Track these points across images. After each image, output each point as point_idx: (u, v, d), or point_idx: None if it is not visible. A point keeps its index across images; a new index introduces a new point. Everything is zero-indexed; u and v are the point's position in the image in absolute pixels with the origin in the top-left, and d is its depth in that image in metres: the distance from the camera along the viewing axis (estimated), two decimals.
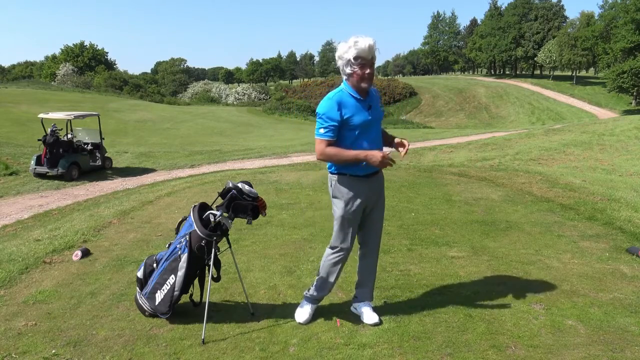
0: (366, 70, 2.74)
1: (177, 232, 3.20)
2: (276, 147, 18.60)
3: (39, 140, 12.79)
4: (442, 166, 10.40)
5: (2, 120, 22.98)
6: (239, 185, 3.05)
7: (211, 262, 3.03)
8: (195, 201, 4.69)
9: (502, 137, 19.43)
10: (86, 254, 4.47)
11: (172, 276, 3.06)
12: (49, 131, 12.60)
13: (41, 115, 13.42)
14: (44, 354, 2.76)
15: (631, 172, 10.76)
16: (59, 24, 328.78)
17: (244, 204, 3.02)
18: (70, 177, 12.59)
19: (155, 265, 3.21)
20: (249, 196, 3.04)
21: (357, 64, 2.73)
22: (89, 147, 13.77)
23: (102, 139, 13.95)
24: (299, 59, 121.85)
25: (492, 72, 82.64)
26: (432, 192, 7.06)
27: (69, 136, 13.41)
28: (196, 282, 3.26)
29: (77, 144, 13.43)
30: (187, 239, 3.03)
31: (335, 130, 2.79)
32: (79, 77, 56.46)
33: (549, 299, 3.40)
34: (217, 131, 26.83)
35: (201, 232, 2.98)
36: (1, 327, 3.09)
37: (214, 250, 3.02)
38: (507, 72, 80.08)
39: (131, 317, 3.21)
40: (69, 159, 12.63)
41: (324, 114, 2.78)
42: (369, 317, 3.08)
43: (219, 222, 3.01)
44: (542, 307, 3.26)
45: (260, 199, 3.10)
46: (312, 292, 3.16)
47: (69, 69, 60.23)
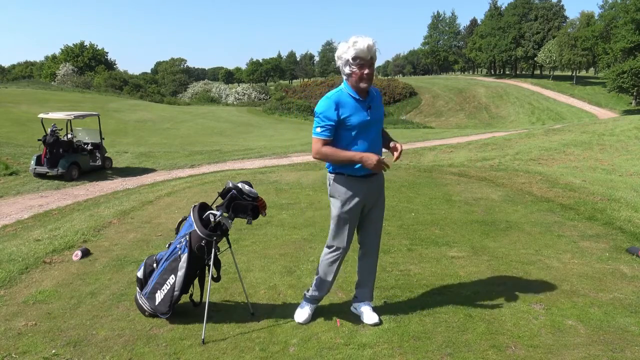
0: (365, 70, 2.74)
1: (177, 232, 3.20)
2: (276, 147, 18.60)
3: (39, 140, 12.79)
4: (442, 166, 10.40)
5: (2, 120, 22.98)
6: (239, 185, 3.06)
7: (211, 262, 3.03)
8: (195, 201, 4.69)
9: (502, 137, 19.43)
10: (86, 254, 4.47)
11: (172, 276, 3.06)
12: (49, 131, 12.60)
13: (41, 115, 13.42)
14: (44, 354, 2.76)
15: (631, 172, 10.76)
16: (59, 24, 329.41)
17: (244, 204, 3.02)
18: (70, 177, 12.59)
19: (155, 265, 3.21)
20: (249, 196, 3.04)
21: (355, 64, 2.73)
22: (89, 147, 13.77)
23: (102, 139, 13.96)
24: (299, 59, 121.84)
25: (492, 72, 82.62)
26: (432, 192, 7.06)
27: (69, 136, 13.41)
28: (196, 282, 3.26)
29: (77, 144, 13.44)
30: (187, 239, 3.03)
31: (331, 129, 2.80)
32: (79, 77, 56.47)
33: (549, 299, 3.40)
34: (217, 131, 26.83)
35: (201, 232, 2.98)
36: (1, 327, 3.09)
37: (214, 250, 3.02)
38: (507, 72, 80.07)
39: (131, 317, 3.21)
40: (69, 159, 12.63)
41: (321, 113, 2.80)
42: (369, 317, 3.08)
43: (219, 222, 3.02)
44: (542, 307, 3.26)
45: (260, 199, 3.10)
46: (311, 292, 3.16)
47: (69, 69, 60.26)
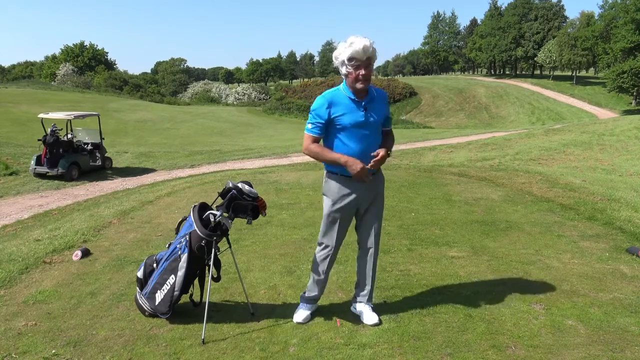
0: (360, 71, 2.75)
1: (177, 232, 3.20)
2: (276, 147, 18.60)
3: (39, 140, 12.80)
4: (442, 166, 10.40)
5: (2, 120, 22.99)
6: (239, 185, 3.06)
7: (211, 262, 3.03)
8: (195, 201, 4.69)
9: (502, 137, 19.44)
10: (86, 254, 4.47)
11: (172, 276, 3.06)
12: (49, 131, 12.60)
13: (41, 115, 13.42)
14: (44, 354, 2.76)
15: (631, 172, 10.77)
16: (59, 24, 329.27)
17: (244, 204, 3.02)
18: (70, 177, 12.59)
19: (155, 265, 3.21)
20: (249, 196, 3.04)
21: (351, 65, 2.74)
22: (89, 147, 13.78)
23: (102, 139, 13.96)
24: (299, 59, 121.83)
25: (492, 72, 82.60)
26: (432, 192, 7.06)
27: (69, 136, 13.42)
28: (196, 282, 3.26)
29: (77, 144, 13.44)
30: (187, 239, 3.03)
31: (322, 127, 2.84)
32: (79, 77, 56.50)
33: (549, 299, 3.40)
34: (217, 131, 26.84)
35: (201, 232, 2.98)
36: (1, 327, 3.09)
37: (214, 250, 3.02)
38: (507, 72, 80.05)
39: (131, 317, 3.21)
40: (69, 159, 12.64)
41: (314, 111, 2.85)
42: (369, 317, 3.08)
43: (219, 222, 3.02)
44: (542, 307, 3.26)
45: (260, 199, 3.10)
46: (307, 293, 3.20)
47: (69, 69, 60.30)
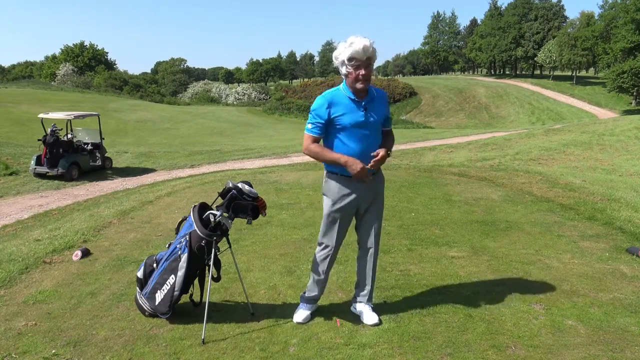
0: (360, 71, 2.75)
1: (177, 232, 3.20)
2: (276, 147, 18.60)
3: (39, 140, 12.80)
4: (442, 166, 10.40)
5: (2, 120, 22.99)
6: (239, 185, 3.06)
7: (211, 262, 3.03)
8: (195, 201, 4.69)
9: (502, 137, 19.44)
10: (86, 254, 4.47)
11: (172, 276, 3.06)
12: (49, 131, 12.61)
13: (41, 115, 13.42)
14: (44, 354, 2.76)
15: (631, 172, 10.77)
16: (59, 24, 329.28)
17: (244, 204, 3.02)
18: (70, 177, 12.59)
19: (155, 265, 3.21)
20: (249, 196, 3.04)
21: (351, 65, 2.74)
22: (89, 147, 13.78)
23: (102, 139, 13.96)
24: (299, 59, 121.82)
25: (492, 72, 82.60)
26: (432, 192, 7.06)
27: (69, 136, 13.42)
28: (196, 282, 3.26)
29: (77, 144, 13.44)
30: (187, 239, 3.03)
31: (321, 127, 2.84)
32: (79, 77, 56.51)
33: (549, 299, 3.40)
34: (217, 131, 26.84)
35: (201, 232, 2.98)
36: (1, 327, 3.09)
37: (214, 250, 3.02)
38: (507, 72, 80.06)
39: (131, 317, 3.21)
40: (69, 159, 12.64)
41: (314, 110, 2.86)
42: (369, 317, 3.08)
43: (219, 222, 3.02)
44: (542, 307, 3.26)
45: (260, 199, 3.10)
46: (307, 293, 3.20)
47: (69, 69, 60.30)
